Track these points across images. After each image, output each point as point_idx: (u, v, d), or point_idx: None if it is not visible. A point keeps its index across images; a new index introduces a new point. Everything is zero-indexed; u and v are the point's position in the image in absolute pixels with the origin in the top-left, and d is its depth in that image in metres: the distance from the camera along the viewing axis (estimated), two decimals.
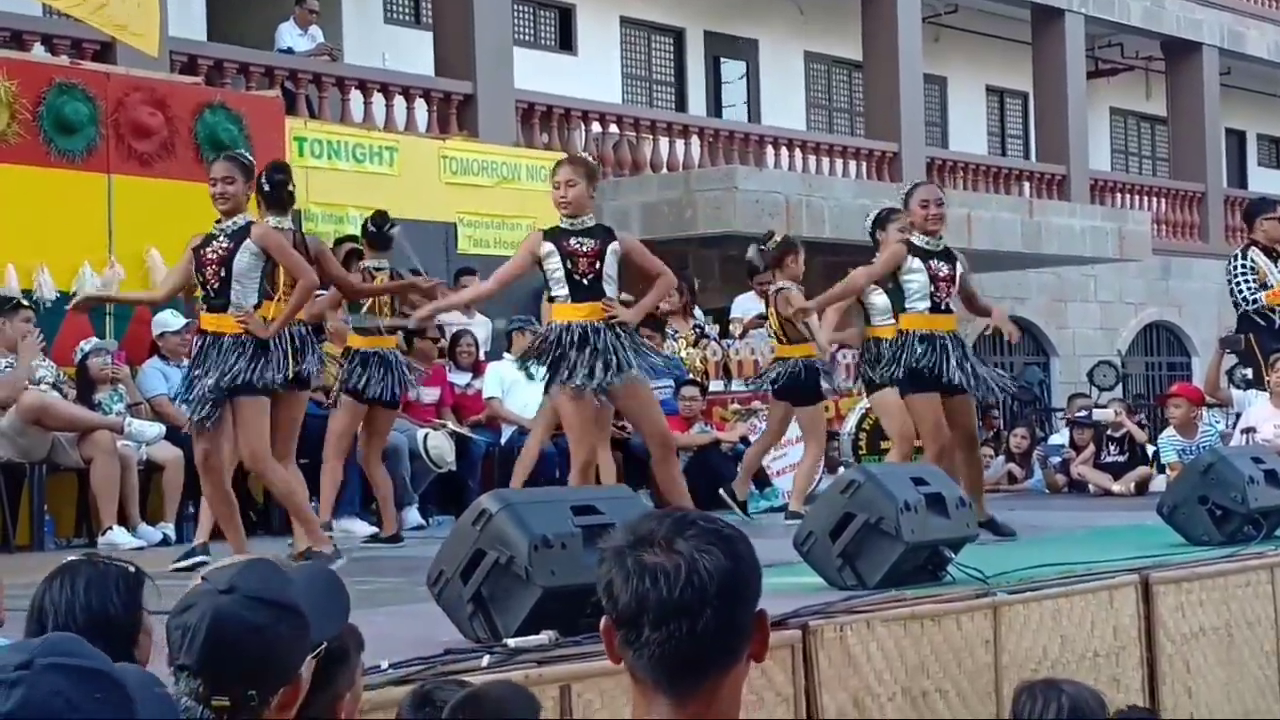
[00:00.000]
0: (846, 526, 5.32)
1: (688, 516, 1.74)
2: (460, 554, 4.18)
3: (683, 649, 1.67)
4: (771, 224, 12.77)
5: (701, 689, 1.69)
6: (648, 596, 1.67)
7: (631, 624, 1.68)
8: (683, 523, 1.72)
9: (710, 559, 1.68)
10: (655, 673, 1.68)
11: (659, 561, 1.68)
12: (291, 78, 11.66)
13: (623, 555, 1.70)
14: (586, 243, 6.16)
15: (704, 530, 1.71)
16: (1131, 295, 19.01)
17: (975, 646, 5.19)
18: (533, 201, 10.94)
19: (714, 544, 1.70)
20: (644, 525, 1.72)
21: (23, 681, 1.34)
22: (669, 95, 17.15)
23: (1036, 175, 17.80)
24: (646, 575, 1.67)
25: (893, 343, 7.09)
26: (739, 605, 1.70)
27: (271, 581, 2.05)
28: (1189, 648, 6.04)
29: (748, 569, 1.72)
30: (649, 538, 1.70)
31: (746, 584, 1.71)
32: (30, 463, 7.61)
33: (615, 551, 1.71)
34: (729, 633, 1.69)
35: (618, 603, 1.69)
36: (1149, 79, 21.34)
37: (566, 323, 6.12)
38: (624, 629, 1.69)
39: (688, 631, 1.66)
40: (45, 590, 2.72)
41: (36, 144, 8.19)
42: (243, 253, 5.95)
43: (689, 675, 1.68)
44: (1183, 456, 9.92)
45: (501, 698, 3.00)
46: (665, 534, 1.70)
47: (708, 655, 1.68)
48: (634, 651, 1.69)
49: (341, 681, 2.62)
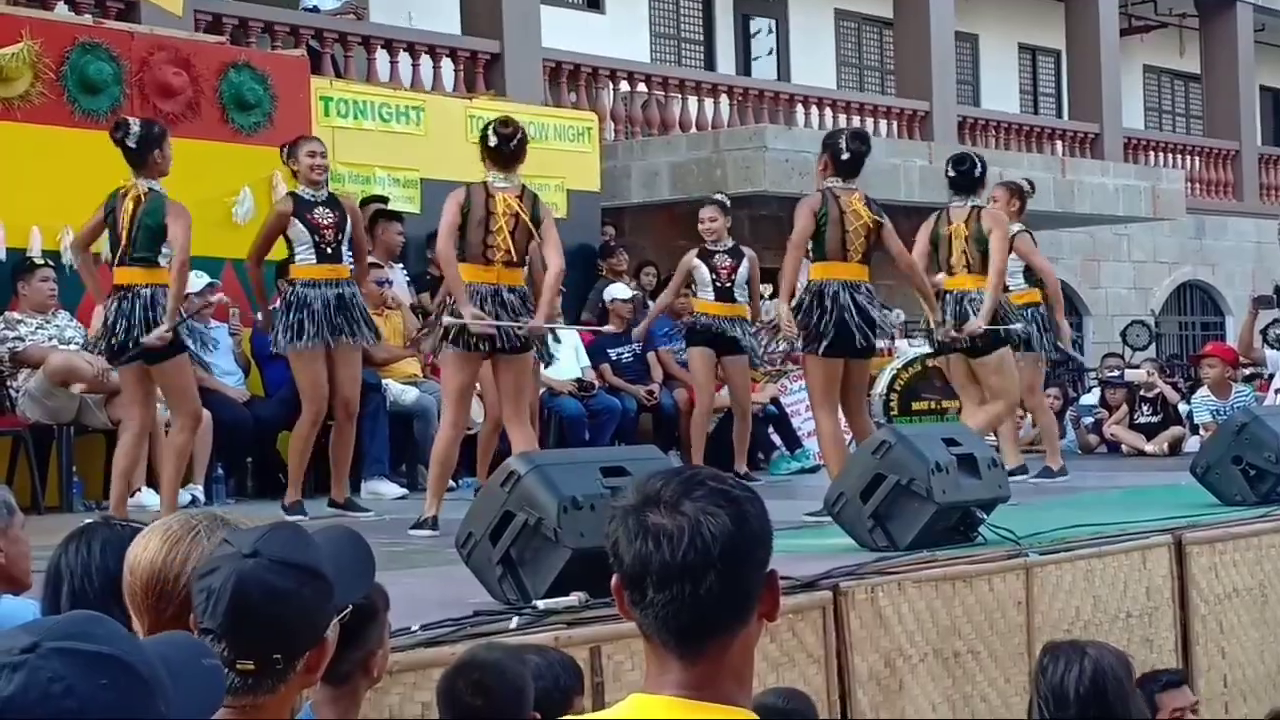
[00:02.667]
0: (878, 488, 5.29)
1: (697, 476, 1.71)
2: (489, 516, 4.16)
3: (687, 611, 1.65)
4: (801, 183, 12.71)
5: (709, 648, 1.67)
6: (650, 558, 1.65)
7: (636, 584, 1.67)
8: (691, 483, 1.68)
9: (715, 521, 1.65)
10: (662, 633, 1.67)
11: (662, 523, 1.66)
12: (317, 37, 11.60)
13: (628, 515, 1.68)
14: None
15: (712, 491, 1.68)
16: (1165, 254, 18.84)
17: (1007, 607, 5.16)
18: (560, 161, 10.88)
19: (721, 505, 1.66)
20: (652, 485, 1.69)
21: (24, 665, 1.28)
22: (698, 54, 17.01)
23: (1069, 134, 17.62)
24: (649, 537, 1.65)
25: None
26: (745, 568, 1.67)
27: (295, 545, 2.04)
28: (1222, 608, 5.99)
29: (755, 531, 1.68)
30: (655, 498, 1.67)
31: (753, 546, 1.68)
32: (58, 424, 7.63)
33: (622, 511, 1.69)
34: (734, 595, 1.66)
35: (623, 563, 1.68)
36: (1183, 36, 21.08)
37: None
38: (629, 589, 1.68)
39: (690, 594, 1.64)
40: (62, 553, 2.72)
41: (60, 104, 8.16)
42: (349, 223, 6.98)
43: (695, 636, 1.67)
44: (1216, 417, 9.85)
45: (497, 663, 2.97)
46: (671, 495, 1.67)
47: (713, 617, 1.66)
48: (641, 611, 1.68)
49: (372, 638, 2.63)
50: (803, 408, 10.10)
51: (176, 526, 2.34)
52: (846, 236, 6.71)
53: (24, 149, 8.00)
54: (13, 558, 3.11)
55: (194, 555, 2.26)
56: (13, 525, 3.13)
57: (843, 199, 6.75)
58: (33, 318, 7.76)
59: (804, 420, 10.02)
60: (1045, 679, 3.60)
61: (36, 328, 7.74)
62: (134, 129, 6.34)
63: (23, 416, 7.61)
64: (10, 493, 3.22)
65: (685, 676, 1.67)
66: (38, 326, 7.75)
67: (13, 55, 7.95)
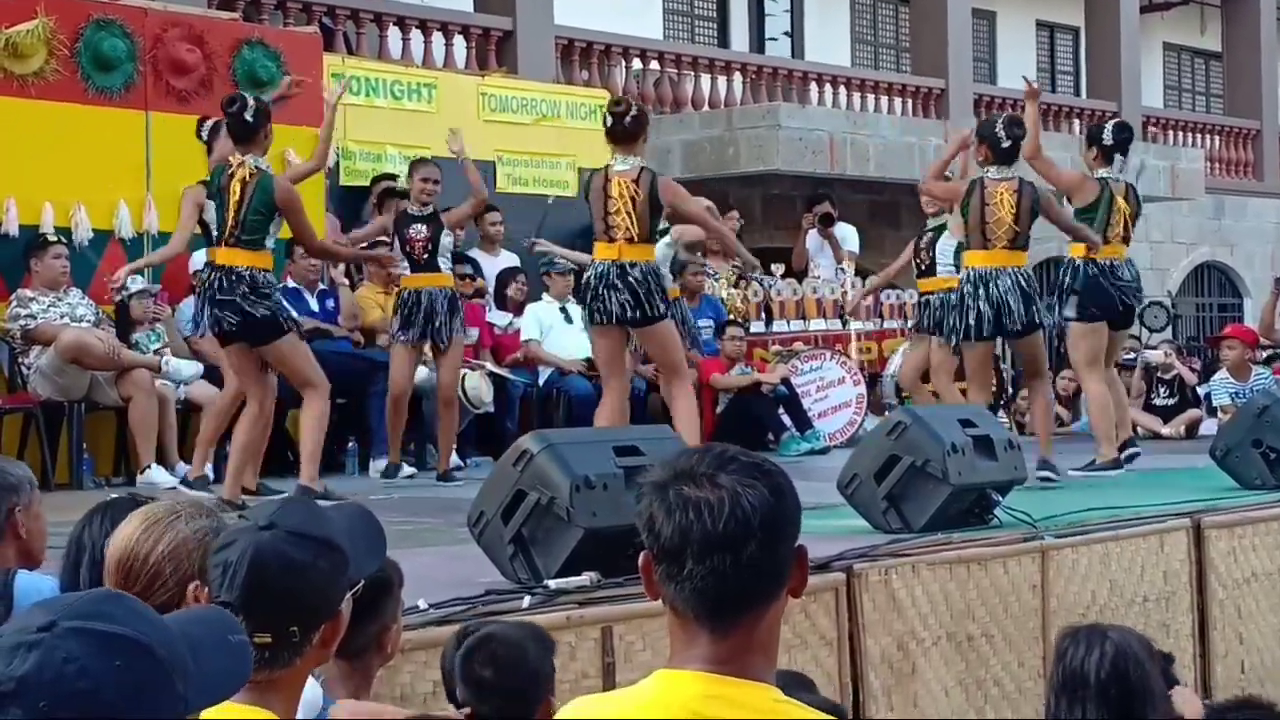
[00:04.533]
0: (892, 469, 5.24)
1: (728, 452, 1.74)
2: (501, 494, 4.13)
3: (726, 582, 1.68)
4: (815, 162, 12.65)
5: (742, 622, 1.70)
6: (691, 529, 1.67)
7: (674, 557, 1.69)
8: (724, 458, 1.72)
9: (754, 493, 1.69)
10: (697, 606, 1.69)
11: (703, 495, 1.69)
12: (329, 14, 11.56)
13: (665, 489, 1.71)
14: None
15: (745, 465, 1.72)
16: (1183, 235, 18.72)
17: (1022, 591, 5.11)
18: (572, 139, 10.82)
19: (756, 478, 1.70)
20: (684, 460, 1.73)
21: (40, 645, 1.27)
22: (711, 31, 16.92)
23: (1088, 112, 17.50)
24: (690, 508, 1.68)
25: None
26: (781, 539, 1.71)
27: (311, 517, 2.05)
28: (1240, 592, 5.95)
29: (789, 503, 1.73)
30: (690, 472, 1.70)
31: (788, 518, 1.72)
32: (69, 401, 7.61)
33: (656, 486, 1.72)
34: (771, 566, 1.70)
35: (659, 536, 1.70)
36: (1203, 14, 20.92)
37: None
38: (665, 563, 1.70)
39: (731, 564, 1.67)
40: (85, 525, 2.75)
41: (74, 81, 8.12)
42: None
43: (730, 608, 1.69)
44: (1235, 399, 9.78)
45: (518, 639, 2.95)
46: (707, 468, 1.70)
47: (750, 588, 1.69)
48: (675, 585, 1.69)
49: (388, 612, 2.64)
50: (813, 388, 10.07)
51: (160, 510, 2.39)
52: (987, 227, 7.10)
53: (38, 126, 7.96)
54: (33, 533, 3.17)
55: (166, 538, 2.29)
56: (34, 501, 3.20)
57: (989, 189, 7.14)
58: (45, 295, 7.74)
59: (814, 401, 9.98)
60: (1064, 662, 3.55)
61: (49, 305, 7.72)
62: (250, 103, 6.33)
63: (34, 393, 7.59)
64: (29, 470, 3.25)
65: (714, 651, 1.69)
66: (50, 304, 7.72)
67: (27, 32, 7.91)
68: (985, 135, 7.25)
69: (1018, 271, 7.06)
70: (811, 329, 10.47)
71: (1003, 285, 6.98)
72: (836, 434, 9.92)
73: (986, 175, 7.18)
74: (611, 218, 6.46)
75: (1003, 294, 6.98)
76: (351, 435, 8.49)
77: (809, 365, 10.11)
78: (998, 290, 6.99)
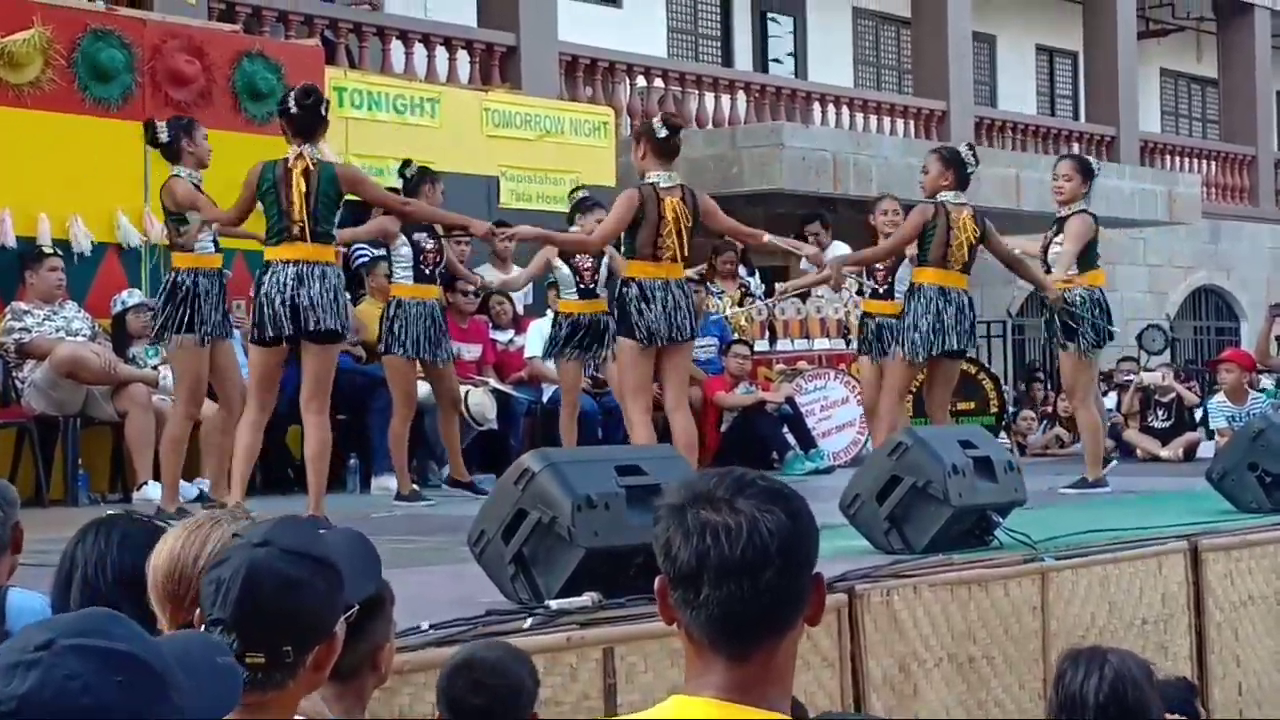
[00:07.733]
0: (893, 490, 5.23)
1: (747, 475, 1.71)
2: (502, 513, 4.10)
3: (743, 608, 1.65)
4: (818, 182, 12.65)
5: (758, 650, 1.66)
6: (708, 554, 1.65)
7: (690, 583, 1.66)
8: (742, 481, 1.69)
9: (772, 518, 1.66)
10: (712, 632, 1.66)
11: (721, 520, 1.66)
12: (331, 27, 11.55)
13: (682, 512, 1.67)
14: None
15: (763, 490, 1.69)
16: (1180, 259, 18.75)
17: (1023, 613, 5.10)
18: (576, 155, 10.83)
19: (774, 503, 1.68)
20: (702, 484, 1.70)
21: (39, 664, 1.26)
22: (715, 50, 16.95)
23: (1086, 136, 17.53)
24: (708, 532, 1.65)
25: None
26: (799, 566, 1.68)
27: (306, 536, 2.03)
28: (1238, 615, 5.93)
29: (807, 529, 1.70)
30: (708, 495, 1.68)
31: (806, 544, 1.70)
32: (64, 416, 7.57)
33: (674, 509, 1.69)
34: (789, 593, 1.67)
35: (676, 560, 1.66)
36: (1200, 40, 20.98)
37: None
38: (681, 588, 1.67)
39: (749, 590, 1.64)
40: (79, 542, 2.72)
41: (71, 91, 8.11)
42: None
43: (747, 635, 1.66)
44: (1232, 423, 9.78)
45: (497, 660, 2.93)
46: (725, 492, 1.68)
47: (767, 615, 1.66)
48: (691, 611, 1.66)
49: (379, 632, 2.62)
50: (817, 408, 10.06)
51: (200, 517, 2.38)
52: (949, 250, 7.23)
53: (34, 136, 7.96)
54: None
55: (212, 538, 2.26)
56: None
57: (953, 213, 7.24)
58: (40, 308, 7.70)
59: (818, 420, 9.97)
60: (1063, 685, 3.53)
61: (44, 318, 7.68)
62: (308, 96, 6.19)
63: (28, 408, 7.55)
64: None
65: (729, 678, 1.66)
66: (45, 317, 7.69)
67: (24, 41, 7.91)
68: (952, 160, 7.36)
69: (963, 294, 7.37)
70: (815, 348, 10.47)
71: (956, 305, 7.27)
72: (840, 453, 9.93)
73: (948, 201, 7.30)
74: (663, 240, 6.45)
75: (954, 315, 7.25)
76: (353, 452, 8.45)
77: (813, 385, 10.11)
78: (952, 310, 7.25)
